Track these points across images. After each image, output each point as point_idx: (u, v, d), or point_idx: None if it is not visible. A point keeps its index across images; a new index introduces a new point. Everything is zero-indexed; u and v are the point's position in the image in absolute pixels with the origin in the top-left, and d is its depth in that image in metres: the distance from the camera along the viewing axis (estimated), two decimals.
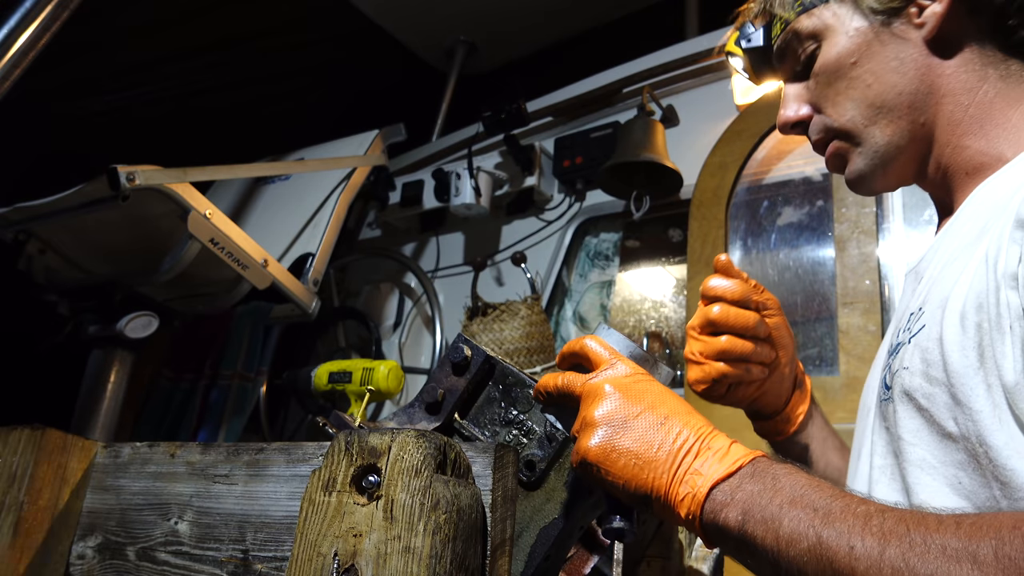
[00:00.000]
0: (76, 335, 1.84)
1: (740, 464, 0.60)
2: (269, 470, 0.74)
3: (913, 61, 0.82)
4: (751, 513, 0.56)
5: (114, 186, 1.56)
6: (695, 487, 0.59)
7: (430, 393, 0.82)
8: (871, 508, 0.53)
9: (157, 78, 2.88)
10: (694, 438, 0.62)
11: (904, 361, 0.72)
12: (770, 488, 0.57)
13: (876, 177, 0.87)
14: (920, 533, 0.50)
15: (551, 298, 2.50)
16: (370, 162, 2.45)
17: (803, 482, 0.57)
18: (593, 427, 0.64)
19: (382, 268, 2.88)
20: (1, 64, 1.37)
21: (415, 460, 0.59)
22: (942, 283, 0.72)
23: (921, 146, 0.84)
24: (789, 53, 0.91)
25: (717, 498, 0.58)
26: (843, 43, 0.85)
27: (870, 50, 0.83)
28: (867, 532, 0.51)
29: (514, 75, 2.61)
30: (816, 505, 0.55)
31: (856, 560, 0.50)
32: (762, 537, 0.55)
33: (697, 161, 2.19)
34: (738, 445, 0.62)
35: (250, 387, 2.37)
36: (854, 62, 0.84)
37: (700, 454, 0.61)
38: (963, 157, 0.81)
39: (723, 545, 0.60)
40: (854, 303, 1.81)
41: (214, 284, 1.91)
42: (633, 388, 0.66)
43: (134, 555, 0.80)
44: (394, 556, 0.56)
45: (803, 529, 0.54)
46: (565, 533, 0.72)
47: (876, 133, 0.84)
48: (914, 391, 0.69)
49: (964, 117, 0.81)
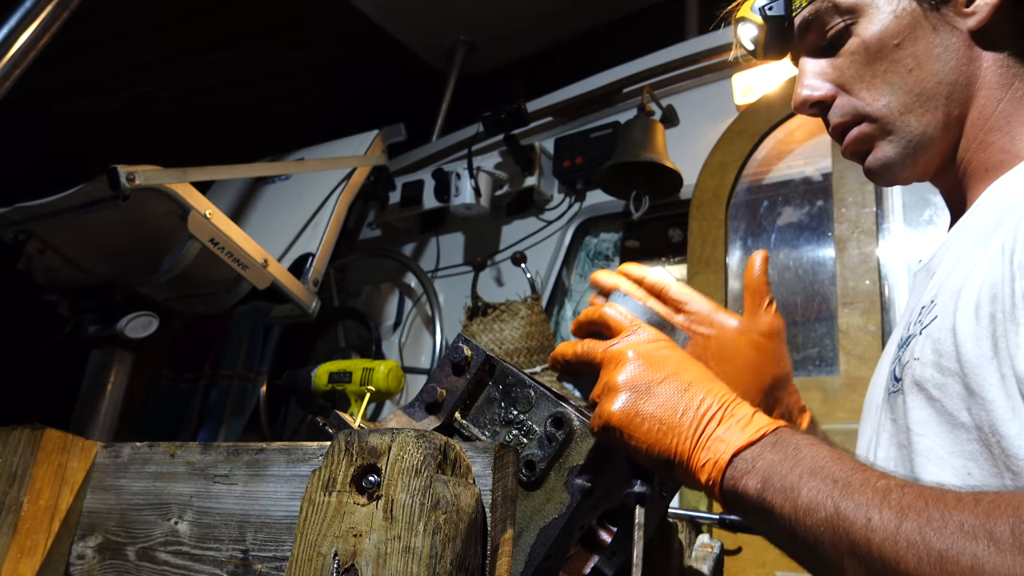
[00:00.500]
0: (76, 335, 1.84)
1: (763, 433, 0.60)
2: (269, 470, 0.74)
3: (956, 50, 0.79)
4: (771, 482, 0.57)
5: (114, 186, 1.56)
6: (717, 453, 0.60)
7: (430, 393, 0.82)
8: (891, 482, 0.53)
9: (157, 78, 2.88)
10: (718, 405, 0.62)
11: (915, 352, 0.71)
12: (791, 458, 0.57)
13: (904, 167, 0.83)
14: (938, 509, 0.49)
15: (551, 298, 2.50)
16: (370, 162, 2.45)
17: (824, 454, 0.57)
18: (616, 392, 0.65)
19: (382, 268, 2.88)
20: (1, 64, 1.37)
21: (415, 460, 0.59)
22: (955, 276, 0.71)
23: (951, 139, 0.82)
24: (816, 26, 0.84)
25: (738, 466, 0.59)
26: (888, 22, 0.80)
27: (915, 33, 0.79)
28: (885, 505, 0.51)
29: (514, 75, 2.61)
30: (836, 476, 0.55)
31: (872, 532, 0.50)
32: (780, 506, 0.56)
33: (697, 161, 2.19)
34: (761, 415, 0.62)
35: (250, 387, 2.36)
36: (897, 44, 0.80)
37: (723, 421, 0.61)
38: (986, 154, 0.80)
39: (741, 512, 0.60)
40: (854, 303, 1.81)
41: (214, 284, 1.91)
42: (656, 354, 0.66)
43: (134, 555, 0.80)
44: (394, 556, 0.56)
45: (821, 499, 0.54)
46: (565, 533, 0.72)
47: (912, 122, 0.81)
48: (925, 381, 0.69)
49: (994, 112, 0.79)
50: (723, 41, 2.25)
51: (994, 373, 0.62)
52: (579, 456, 0.74)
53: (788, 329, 0.98)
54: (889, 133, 0.82)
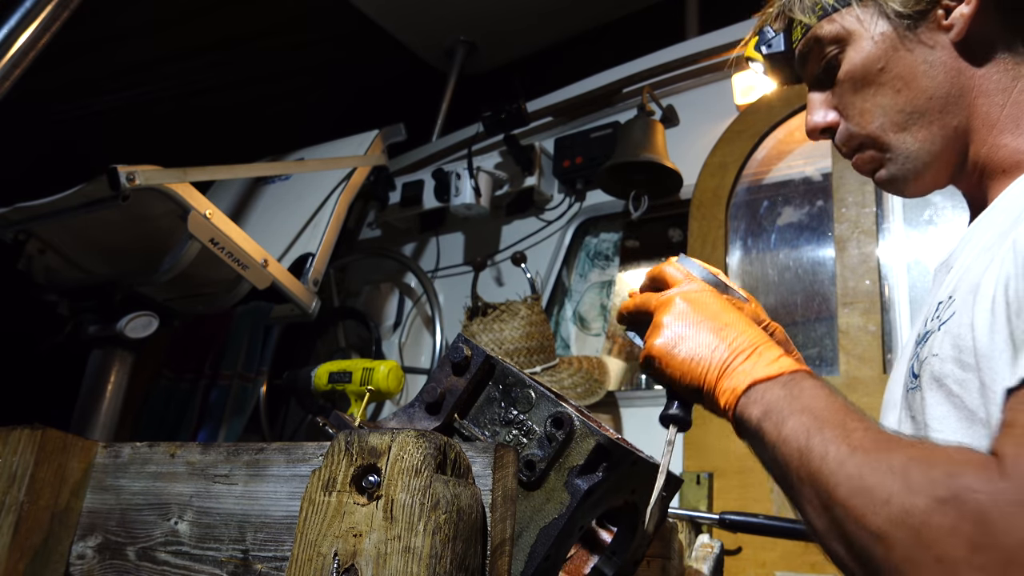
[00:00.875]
0: (76, 335, 1.84)
1: (781, 371, 0.66)
2: (269, 470, 0.74)
3: (943, 64, 0.80)
4: (768, 413, 0.63)
5: (114, 186, 1.56)
6: (737, 382, 0.67)
7: (430, 393, 0.82)
8: (860, 424, 0.59)
9: (157, 78, 2.88)
10: (748, 344, 0.69)
11: (934, 348, 0.72)
12: (794, 395, 0.63)
13: (910, 183, 0.85)
14: (879, 451, 0.56)
15: (551, 298, 2.50)
16: (370, 162, 2.45)
17: (822, 396, 0.63)
18: (659, 328, 0.72)
19: (382, 268, 2.88)
20: (1, 64, 1.37)
21: (415, 460, 0.59)
22: (973, 271, 0.72)
23: (957, 148, 0.82)
24: (811, 58, 0.88)
25: (751, 395, 0.66)
26: (868, 49, 0.82)
27: (897, 55, 0.81)
28: (843, 442, 0.57)
29: (514, 75, 2.60)
30: (818, 414, 0.61)
31: (825, 464, 0.57)
32: (769, 433, 0.63)
33: (697, 161, 2.19)
34: (788, 359, 0.68)
35: (250, 387, 2.36)
36: (881, 68, 0.82)
37: (750, 357, 0.68)
38: (1000, 156, 0.80)
39: (744, 436, 0.67)
40: (854, 303, 1.81)
41: (214, 284, 1.91)
42: (700, 300, 0.73)
43: (134, 555, 0.80)
44: (394, 556, 0.56)
45: (799, 431, 0.60)
46: (565, 533, 0.72)
47: (907, 139, 0.83)
48: (945, 377, 0.69)
49: (1000, 116, 0.79)
50: (723, 41, 2.25)
51: (1007, 368, 0.62)
52: (579, 456, 0.74)
53: (788, 329, 1.02)
54: (888, 152, 0.85)
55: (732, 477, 1.79)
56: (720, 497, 1.79)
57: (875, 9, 0.83)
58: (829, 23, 0.85)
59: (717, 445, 1.84)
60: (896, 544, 0.51)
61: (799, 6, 0.87)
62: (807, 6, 0.86)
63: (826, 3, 0.85)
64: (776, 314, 1.96)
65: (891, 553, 0.52)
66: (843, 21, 0.84)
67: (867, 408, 0.65)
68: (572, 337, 2.50)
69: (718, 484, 1.80)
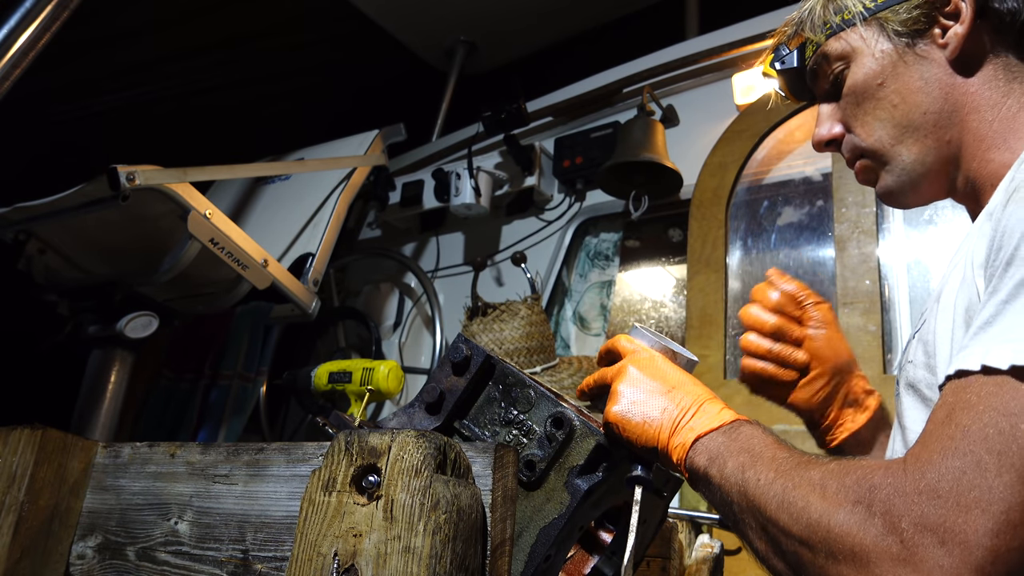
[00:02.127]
0: (76, 335, 1.84)
1: (723, 423, 0.72)
2: (269, 470, 0.74)
3: (938, 80, 0.84)
4: (713, 459, 0.69)
5: (114, 186, 1.56)
6: (685, 438, 0.72)
7: (430, 393, 0.82)
8: (787, 455, 0.65)
9: (157, 78, 2.88)
10: (693, 402, 0.75)
11: (910, 355, 0.77)
12: (732, 440, 0.70)
13: (906, 194, 0.89)
14: (800, 471, 0.62)
15: (551, 298, 2.50)
16: (370, 162, 2.45)
17: (758, 436, 0.69)
18: (615, 396, 0.77)
19: (382, 268, 2.88)
20: (1, 64, 1.37)
21: (415, 460, 0.59)
22: (949, 282, 0.76)
23: (949, 162, 0.86)
24: (820, 74, 0.93)
25: (697, 448, 0.71)
26: (869, 65, 0.87)
27: (896, 71, 0.86)
28: (771, 469, 0.64)
29: (514, 75, 2.60)
30: (754, 451, 0.67)
31: (757, 489, 0.63)
32: (714, 477, 0.68)
33: (697, 161, 2.19)
34: (729, 410, 0.74)
35: (250, 387, 2.36)
36: (880, 83, 0.87)
37: (696, 415, 0.74)
38: (988, 170, 0.83)
39: (695, 485, 0.73)
40: (854, 303, 1.81)
41: (214, 284, 1.91)
42: (649, 366, 0.79)
43: (134, 555, 0.80)
44: (394, 556, 0.56)
45: (737, 469, 0.66)
46: (565, 533, 0.72)
47: (903, 152, 0.86)
48: (918, 382, 0.74)
49: (989, 132, 0.83)
50: (723, 41, 2.25)
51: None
52: (579, 456, 0.74)
53: None
54: (885, 164, 0.89)
55: None
56: None
57: (878, 28, 0.87)
58: (836, 41, 0.90)
59: None
60: (817, 545, 0.57)
61: (810, 25, 0.93)
62: (817, 25, 0.92)
63: (833, 22, 0.90)
64: None
65: (815, 556, 0.57)
66: (848, 39, 0.89)
67: None
68: (572, 337, 2.50)
69: None
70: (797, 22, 0.96)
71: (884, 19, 0.87)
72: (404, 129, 2.59)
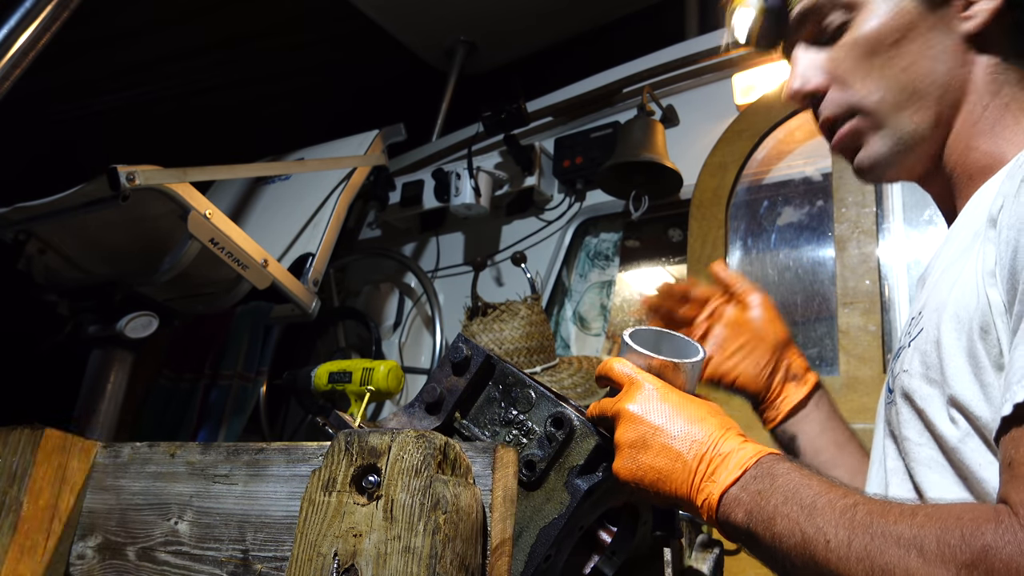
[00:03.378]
0: (76, 335, 1.84)
1: (745, 468, 0.66)
2: (269, 470, 0.74)
3: (952, 52, 0.80)
4: (753, 513, 0.63)
5: (114, 186, 1.56)
6: (709, 494, 0.66)
7: (430, 393, 0.82)
8: (849, 501, 0.58)
9: (157, 78, 2.88)
10: (707, 447, 0.68)
11: (904, 364, 0.74)
12: (769, 488, 0.63)
13: (892, 164, 0.84)
14: (881, 524, 0.55)
15: (551, 298, 2.50)
16: (370, 162, 2.45)
17: (796, 480, 0.63)
18: (621, 450, 0.71)
19: (382, 268, 2.88)
20: (1, 64, 1.37)
21: (415, 460, 0.59)
22: (940, 287, 0.73)
23: (939, 139, 0.82)
24: (813, 17, 0.85)
25: (727, 502, 0.65)
26: (887, 19, 0.81)
27: (913, 32, 0.80)
28: (840, 525, 0.57)
29: (514, 75, 2.60)
30: (804, 502, 0.60)
31: (830, 551, 0.56)
32: (762, 534, 0.62)
33: (697, 161, 2.19)
34: (747, 446, 0.68)
35: (250, 387, 2.36)
36: (895, 40, 0.81)
37: (712, 462, 0.67)
38: (971, 158, 0.81)
39: (736, 540, 0.66)
40: (854, 303, 1.81)
41: (214, 284, 1.91)
42: (649, 405, 0.72)
43: (134, 555, 0.80)
44: (394, 556, 0.56)
45: (791, 526, 0.60)
46: (565, 533, 0.72)
47: (904, 118, 0.81)
48: (913, 393, 0.71)
49: (981, 116, 0.80)
50: (723, 41, 2.25)
51: (971, 386, 0.64)
52: (579, 456, 0.74)
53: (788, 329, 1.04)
54: (880, 128, 0.83)
55: None
56: None
57: None
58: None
59: None
60: None
61: None
62: None
63: None
64: None
65: None
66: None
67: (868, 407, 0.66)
68: (572, 337, 2.50)
69: None
70: None
71: None
72: (404, 129, 2.59)
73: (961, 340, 0.65)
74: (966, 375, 0.64)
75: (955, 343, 0.66)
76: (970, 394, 0.64)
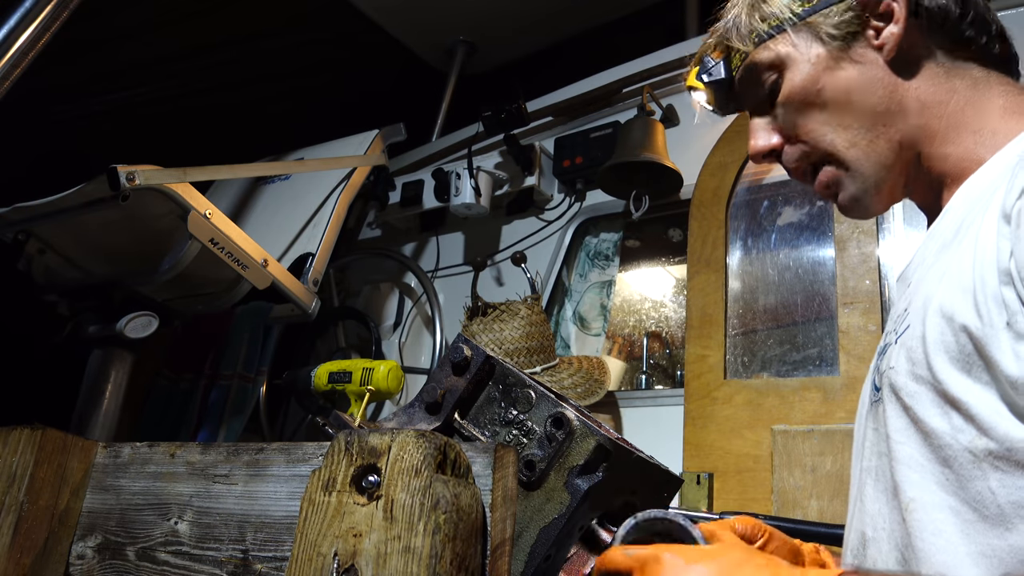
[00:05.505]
0: (76, 335, 1.84)
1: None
2: (269, 470, 0.74)
3: (879, 81, 0.82)
4: None
5: (114, 186, 1.56)
6: None
7: (430, 393, 0.82)
8: None
9: (157, 78, 2.88)
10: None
11: (891, 361, 0.74)
12: None
13: (871, 199, 0.87)
14: None
15: (551, 298, 2.50)
16: (370, 162, 2.45)
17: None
18: None
19: (382, 268, 2.88)
20: (1, 64, 1.37)
21: (415, 460, 0.59)
22: (926, 284, 0.74)
23: (906, 160, 0.84)
24: (751, 84, 0.90)
25: None
26: (806, 71, 0.84)
27: (834, 76, 0.83)
28: None
29: (514, 75, 2.60)
30: None
31: None
32: None
33: (697, 161, 2.19)
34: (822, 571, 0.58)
35: (250, 387, 2.36)
36: (819, 89, 0.84)
37: None
38: (946, 166, 0.82)
39: None
40: (854, 303, 1.81)
41: (214, 284, 1.91)
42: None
43: (134, 555, 0.80)
44: (394, 556, 0.56)
45: None
46: (565, 533, 0.72)
47: (859, 155, 0.84)
48: (900, 389, 0.71)
49: (940, 128, 0.81)
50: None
51: (968, 379, 0.64)
52: (579, 456, 0.74)
53: (788, 329, 1.03)
54: (847, 170, 0.86)
55: (732, 477, 1.79)
56: (720, 497, 1.79)
57: (808, 33, 0.84)
58: (764, 50, 0.87)
59: (717, 445, 1.84)
60: None
61: (736, 35, 0.90)
62: (743, 34, 0.89)
63: (760, 30, 0.87)
64: (776, 314, 1.96)
65: None
66: (778, 48, 0.86)
67: None
68: (572, 337, 2.50)
69: (718, 484, 1.80)
70: (722, 32, 0.92)
71: (815, 24, 0.83)
72: (404, 129, 2.59)
73: (947, 335, 0.66)
74: (954, 370, 0.65)
75: (939, 338, 0.66)
76: (962, 388, 0.64)
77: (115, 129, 3.01)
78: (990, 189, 0.71)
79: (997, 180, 0.71)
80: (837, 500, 1.61)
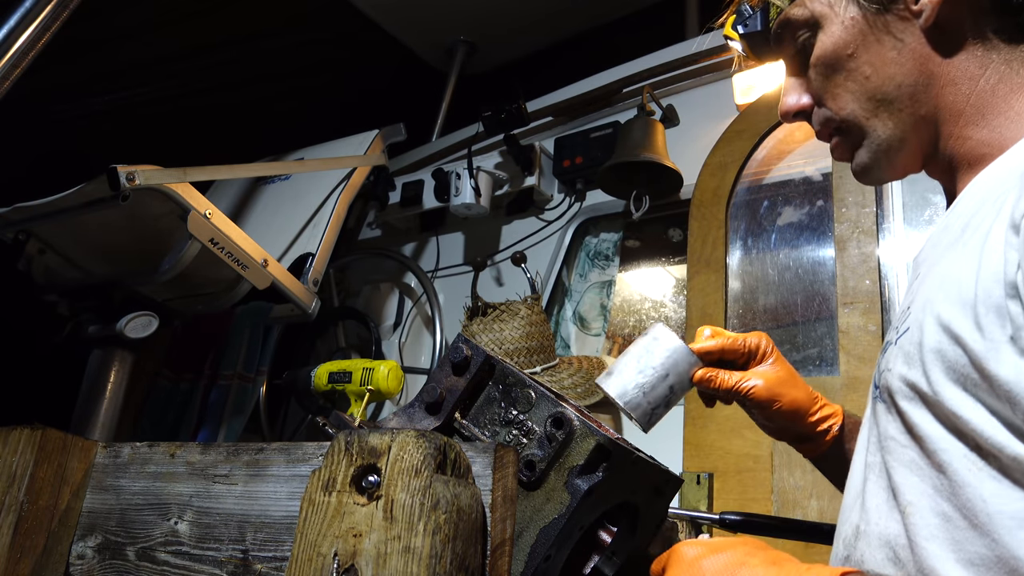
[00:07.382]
0: (76, 335, 1.84)
1: None
2: (269, 470, 0.74)
3: (911, 51, 0.79)
4: None
5: (114, 186, 1.56)
6: None
7: (430, 393, 0.82)
8: None
9: (157, 78, 2.88)
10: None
11: (889, 362, 0.73)
12: None
13: (881, 169, 0.85)
14: None
15: (551, 298, 2.50)
16: (370, 162, 2.45)
17: None
18: None
19: (382, 268, 2.88)
20: (1, 64, 1.37)
21: (415, 460, 0.59)
22: (928, 283, 0.71)
23: (924, 137, 0.82)
24: (785, 40, 0.88)
25: None
26: (838, 33, 0.82)
27: (866, 40, 0.81)
28: None
29: (514, 75, 2.60)
30: None
31: None
32: None
33: (697, 161, 2.19)
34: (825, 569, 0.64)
35: (250, 387, 2.36)
36: (850, 53, 0.81)
37: None
38: (965, 148, 0.79)
39: None
40: (854, 303, 1.81)
41: (214, 284, 1.91)
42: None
43: (134, 555, 0.80)
44: (394, 556, 0.56)
45: None
46: (565, 533, 0.72)
47: (878, 126, 0.82)
48: (895, 393, 0.70)
49: (966, 107, 0.78)
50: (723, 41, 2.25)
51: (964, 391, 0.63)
52: (579, 456, 0.74)
53: (788, 329, 1.05)
54: (861, 139, 0.85)
55: (732, 477, 1.79)
56: (720, 497, 1.79)
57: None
58: (799, 7, 0.85)
59: (717, 445, 1.84)
60: None
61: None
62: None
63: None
64: (776, 314, 1.96)
65: None
66: (812, 6, 0.84)
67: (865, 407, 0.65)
68: (572, 337, 2.50)
69: (718, 484, 1.80)
70: None
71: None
72: (404, 129, 2.59)
73: (944, 345, 0.64)
74: (949, 381, 0.63)
75: (936, 347, 0.65)
76: (958, 400, 0.63)
77: (115, 129, 3.01)
78: (1002, 189, 0.68)
79: (1009, 180, 0.68)
80: (837, 500, 1.61)
